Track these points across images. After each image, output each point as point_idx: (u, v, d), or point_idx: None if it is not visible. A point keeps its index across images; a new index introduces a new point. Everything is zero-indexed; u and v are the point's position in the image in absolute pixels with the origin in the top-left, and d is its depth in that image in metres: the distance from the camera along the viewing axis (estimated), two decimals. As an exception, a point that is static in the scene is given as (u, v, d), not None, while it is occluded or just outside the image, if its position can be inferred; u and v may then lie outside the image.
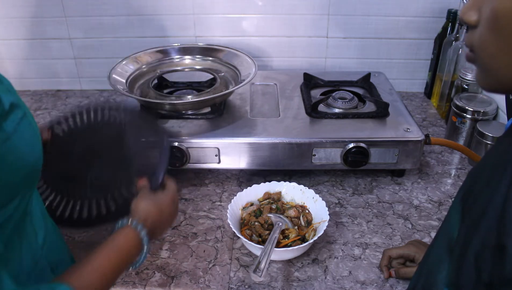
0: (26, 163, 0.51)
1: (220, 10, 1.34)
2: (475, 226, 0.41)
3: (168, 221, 0.72)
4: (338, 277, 0.81)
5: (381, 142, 0.98)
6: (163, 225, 0.71)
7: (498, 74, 0.40)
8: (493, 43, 0.39)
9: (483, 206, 0.41)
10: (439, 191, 1.02)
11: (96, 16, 1.36)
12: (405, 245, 0.83)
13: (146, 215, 0.66)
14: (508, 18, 0.36)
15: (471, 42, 0.41)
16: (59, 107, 1.40)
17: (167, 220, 0.72)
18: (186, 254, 0.86)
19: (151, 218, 0.66)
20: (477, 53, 0.41)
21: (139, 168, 0.74)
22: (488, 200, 0.40)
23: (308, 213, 0.90)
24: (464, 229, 0.44)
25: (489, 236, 0.38)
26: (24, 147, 0.50)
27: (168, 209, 0.70)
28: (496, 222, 0.38)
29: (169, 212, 0.71)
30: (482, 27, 0.40)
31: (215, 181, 1.06)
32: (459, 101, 1.12)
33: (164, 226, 0.72)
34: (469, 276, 0.40)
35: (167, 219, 0.71)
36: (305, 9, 1.33)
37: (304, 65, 1.41)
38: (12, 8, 1.36)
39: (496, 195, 0.39)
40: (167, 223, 0.72)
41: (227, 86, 1.12)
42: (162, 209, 0.69)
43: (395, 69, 1.41)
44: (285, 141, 0.98)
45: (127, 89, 1.07)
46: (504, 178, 0.39)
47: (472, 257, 0.40)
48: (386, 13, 1.32)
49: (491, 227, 0.38)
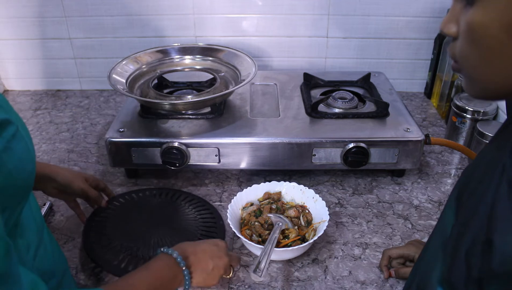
0: (16, 181, 0.49)
1: (220, 10, 1.35)
2: (467, 223, 0.41)
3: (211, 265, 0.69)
4: (338, 277, 0.81)
5: (381, 142, 0.98)
6: (205, 267, 0.69)
7: (483, 83, 0.40)
8: (473, 55, 0.39)
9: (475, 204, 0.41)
10: (439, 191, 1.02)
11: (96, 16, 1.36)
12: (405, 245, 0.83)
13: (187, 251, 0.67)
14: (482, 31, 0.37)
15: (454, 53, 0.42)
16: (59, 107, 1.40)
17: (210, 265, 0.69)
18: (186, 254, 0.86)
19: (192, 255, 0.67)
20: (460, 64, 0.42)
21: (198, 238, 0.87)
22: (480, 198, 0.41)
23: (308, 213, 0.90)
24: (457, 226, 0.44)
25: (479, 233, 0.39)
26: (15, 164, 0.48)
27: (210, 254, 0.70)
28: (486, 219, 0.38)
29: (211, 256, 0.70)
30: (461, 39, 0.40)
31: (215, 181, 1.06)
32: (459, 101, 1.12)
33: (207, 268, 0.69)
34: (460, 272, 0.40)
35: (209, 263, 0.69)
36: (305, 9, 1.33)
37: (304, 65, 1.41)
38: (12, 8, 1.36)
39: (487, 192, 0.39)
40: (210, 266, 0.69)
41: (227, 86, 1.12)
42: (205, 250, 0.69)
43: (395, 69, 1.41)
44: (285, 141, 0.98)
45: (127, 89, 1.07)
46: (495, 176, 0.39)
47: (463, 254, 0.40)
48: (386, 13, 1.32)
49: (481, 224, 0.39)
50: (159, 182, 1.06)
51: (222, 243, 0.74)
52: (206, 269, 0.68)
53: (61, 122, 1.32)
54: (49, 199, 1.00)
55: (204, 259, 0.68)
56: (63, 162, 1.14)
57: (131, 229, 0.88)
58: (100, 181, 0.93)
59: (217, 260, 0.70)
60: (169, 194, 0.99)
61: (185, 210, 0.95)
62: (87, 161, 1.14)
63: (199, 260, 0.67)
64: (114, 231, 0.88)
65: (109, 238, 0.86)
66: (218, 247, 0.72)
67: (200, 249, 0.69)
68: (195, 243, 0.70)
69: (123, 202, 0.96)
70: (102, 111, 1.38)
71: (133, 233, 0.87)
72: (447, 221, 0.48)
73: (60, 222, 0.94)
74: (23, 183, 0.51)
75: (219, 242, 0.73)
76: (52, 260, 0.65)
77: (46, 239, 0.64)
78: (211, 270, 0.69)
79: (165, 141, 0.97)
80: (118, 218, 0.91)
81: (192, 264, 0.66)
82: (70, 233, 0.91)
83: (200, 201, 0.98)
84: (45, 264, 0.62)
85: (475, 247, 0.39)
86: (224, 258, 0.71)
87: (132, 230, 0.88)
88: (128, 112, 1.08)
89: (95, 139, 1.23)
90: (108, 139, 0.98)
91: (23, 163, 0.50)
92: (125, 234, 0.87)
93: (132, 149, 0.98)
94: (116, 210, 0.93)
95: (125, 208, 0.95)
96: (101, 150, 1.18)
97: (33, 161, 0.54)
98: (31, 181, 0.54)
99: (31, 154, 0.53)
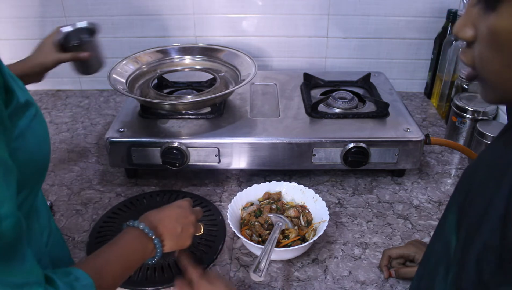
0: (36, 159, 0.52)
1: (220, 10, 1.35)
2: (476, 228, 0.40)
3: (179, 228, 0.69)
4: (338, 277, 0.81)
5: (381, 142, 0.98)
6: (174, 231, 0.69)
7: (504, 89, 0.40)
8: (496, 60, 0.38)
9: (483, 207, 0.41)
10: (439, 191, 1.02)
11: (96, 16, 1.36)
12: (405, 245, 0.83)
13: (153, 221, 0.66)
14: (508, 36, 0.36)
15: (471, 59, 0.41)
16: (59, 107, 1.40)
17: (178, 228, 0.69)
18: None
19: (158, 223, 0.66)
20: (479, 70, 0.40)
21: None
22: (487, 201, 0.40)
23: (308, 213, 0.90)
24: (463, 231, 0.44)
25: (492, 238, 0.38)
26: (35, 144, 0.51)
27: (175, 217, 0.70)
28: (498, 221, 0.38)
29: (177, 219, 0.70)
30: (481, 45, 0.39)
31: (215, 181, 1.06)
32: (459, 101, 1.12)
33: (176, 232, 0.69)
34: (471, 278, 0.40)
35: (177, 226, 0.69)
36: (305, 9, 1.33)
37: (304, 65, 1.41)
38: (12, 8, 1.36)
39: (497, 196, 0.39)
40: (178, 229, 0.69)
41: (227, 86, 1.12)
42: (170, 215, 0.69)
43: (395, 69, 1.41)
44: (285, 141, 0.98)
45: (127, 89, 1.07)
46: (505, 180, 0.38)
47: (474, 259, 0.39)
48: (386, 13, 1.32)
49: (493, 227, 0.38)
50: (159, 182, 1.06)
51: (184, 203, 0.73)
52: (175, 233, 0.68)
53: (61, 122, 1.32)
54: (49, 199, 1.00)
55: (170, 223, 0.68)
56: (63, 162, 1.14)
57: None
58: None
59: (184, 220, 0.70)
60: (173, 196, 0.99)
61: None
62: (87, 161, 1.14)
63: (166, 226, 0.67)
64: None
65: None
66: (182, 208, 0.71)
67: (165, 215, 0.69)
68: (158, 210, 0.70)
69: (125, 211, 0.96)
70: (102, 111, 1.38)
71: None
72: (448, 225, 0.48)
73: (60, 222, 0.94)
74: (42, 163, 0.54)
75: (182, 203, 0.73)
76: (59, 248, 0.67)
77: (54, 227, 0.67)
78: (180, 232, 0.69)
79: (165, 141, 0.97)
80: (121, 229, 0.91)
81: (160, 232, 0.66)
82: (70, 233, 0.91)
83: (202, 201, 0.98)
84: (55, 251, 0.64)
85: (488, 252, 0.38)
86: (190, 216, 0.71)
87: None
88: (128, 112, 1.08)
89: (95, 139, 1.23)
90: (108, 139, 0.98)
91: (42, 143, 0.53)
92: None
93: (132, 149, 0.98)
94: (119, 219, 0.93)
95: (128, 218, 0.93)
96: (101, 150, 1.18)
97: (49, 143, 0.56)
98: (48, 161, 0.56)
99: (48, 136, 0.56)
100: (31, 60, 0.92)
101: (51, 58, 0.92)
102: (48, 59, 0.92)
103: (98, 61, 0.99)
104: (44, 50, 0.93)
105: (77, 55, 0.94)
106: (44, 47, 0.93)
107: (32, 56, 0.93)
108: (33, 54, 0.93)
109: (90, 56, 0.95)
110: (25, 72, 0.91)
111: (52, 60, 0.92)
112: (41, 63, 0.92)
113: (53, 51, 0.93)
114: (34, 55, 0.93)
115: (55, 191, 1.03)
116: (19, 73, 0.89)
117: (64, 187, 1.05)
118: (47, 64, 0.93)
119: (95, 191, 1.03)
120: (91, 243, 0.88)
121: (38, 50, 0.93)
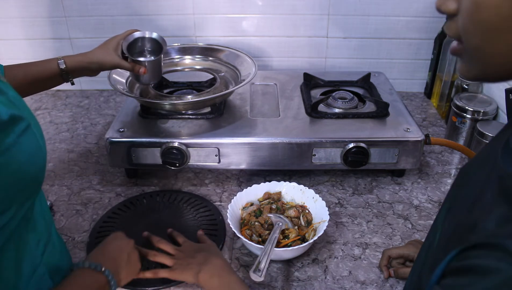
0: (25, 175, 0.50)
1: (220, 10, 1.35)
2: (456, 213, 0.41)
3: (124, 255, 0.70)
4: (338, 277, 0.81)
5: (381, 142, 0.98)
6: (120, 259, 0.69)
7: (484, 63, 0.40)
8: (477, 35, 0.38)
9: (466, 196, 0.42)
10: (439, 191, 1.02)
11: (96, 16, 1.36)
12: (404, 245, 0.83)
13: (96, 257, 0.67)
14: (491, 11, 0.36)
15: (455, 32, 0.41)
16: (59, 107, 1.40)
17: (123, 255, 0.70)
18: (186, 254, 0.86)
19: (102, 257, 0.67)
20: (464, 43, 0.41)
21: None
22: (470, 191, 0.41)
23: (308, 213, 0.90)
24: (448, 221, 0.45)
25: (463, 217, 0.39)
26: (23, 160, 0.49)
27: (116, 247, 0.70)
28: (472, 205, 0.39)
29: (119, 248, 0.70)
30: (463, 18, 0.39)
31: (215, 181, 1.06)
32: (459, 101, 1.12)
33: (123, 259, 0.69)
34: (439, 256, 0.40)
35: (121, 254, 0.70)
36: (305, 9, 1.33)
37: (304, 65, 1.41)
38: (12, 8, 1.36)
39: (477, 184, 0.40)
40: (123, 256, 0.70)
41: (227, 86, 1.12)
42: (109, 247, 0.70)
43: (395, 69, 1.41)
44: (285, 141, 0.98)
45: (127, 89, 1.07)
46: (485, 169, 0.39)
47: (444, 241, 0.41)
48: (386, 13, 1.32)
49: (466, 210, 0.40)
50: (159, 182, 1.06)
51: (118, 233, 0.74)
52: (123, 261, 0.68)
53: (61, 122, 1.32)
54: (49, 199, 1.00)
55: (114, 253, 0.68)
56: (63, 162, 1.14)
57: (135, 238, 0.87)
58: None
59: (126, 247, 0.71)
60: (173, 196, 0.99)
61: (187, 211, 0.95)
62: (87, 161, 1.14)
63: (110, 258, 0.67)
64: None
65: None
66: (117, 238, 0.72)
67: (105, 250, 0.69)
68: (98, 248, 0.70)
69: (125, 211, 0.96)
70: (102, 111, 1.38)
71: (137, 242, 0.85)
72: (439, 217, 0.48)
73: (60, 222, 0.94)
74: (33, 179, 0.52)
75: (116, 234, 0.74)
76: (59, 256, 0.66)
77: (54, 236, 0.65)
78: (127, 259, 0.69)
79: (165, 141, 0.97)
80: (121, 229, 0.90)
81: (108, 265, 0.65)
82: (70, 233, 0.91)
83: (202, 201, 0.98)
84: (53, 259, 0.63)
85: (457, 230, 0.39)
86: (130, 242, 0.72)
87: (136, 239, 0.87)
88: (128, 112, 1.08)
89: (95, 139, 1.23)
90: (108, 139, 0.98)
91: (33, 158, 0.51)
92: None
93: (132, 149, 0.98)
94: (119, 219, 0.93)
95: (128, 217, 0.94)
96: (101, 150, 1.18)
97: (44, 157, 0.55)
98: (41, 177, 0.55)
99: (42, 151, 0.54)
100: (92, 55, 0.91)
101: (111, 61, 0.91)
102: (107, 61, 0.91)
103: (154, 77, 1.00)
104: (107, 50, 0.92)
105: (135, 69, 0.94)
106: (108, 47, 0.92)
107: (95, 51, 0.92)
108: (96, 49, 0.92)
109: (146, 72, 0.95)
110: (82, 66, 0.90)
111: (111, 64, 0.92)
112: (99, 62, 0.91)
113: (115, 54, 0.92)
114: (97, 51, 0.92)
115: (55, 191, 1.03)
116: (75, 64, 0.89)
117: (64, 187, 1.05)
118: (105, 65, 0.92)
119: (95, 191, 1.03)
120: (91, 243, 0.88)
121: (103, 48, 0.92)
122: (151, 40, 0.99)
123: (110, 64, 0.92)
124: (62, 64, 0.88)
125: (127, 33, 0.95)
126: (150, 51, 0.99)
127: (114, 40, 0.93)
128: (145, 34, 0.98)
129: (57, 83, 0.92)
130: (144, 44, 0.99)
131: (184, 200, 0.98)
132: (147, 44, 0.99)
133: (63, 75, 0.90)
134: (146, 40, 0.98)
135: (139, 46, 0.98)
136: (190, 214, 0.94)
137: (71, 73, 0.90)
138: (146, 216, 0.94)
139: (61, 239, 0.70)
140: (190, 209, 0.96)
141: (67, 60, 0.89)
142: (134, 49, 0.97)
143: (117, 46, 0.93)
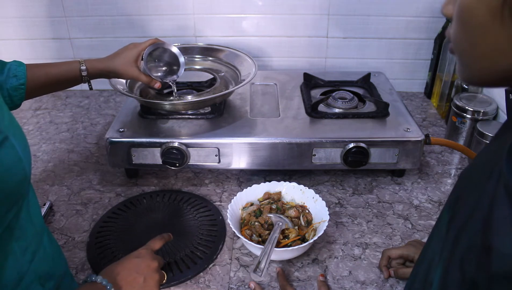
0: (4, 187, 0.49)
1: (220, 10, 1.35)
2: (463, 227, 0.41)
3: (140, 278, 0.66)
4: (338, 277, 0.81)
5: (381, 142, 0.98)
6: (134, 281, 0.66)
7: (470, 68, 0.40)
8: (463, 38, 0.39)
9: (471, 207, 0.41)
10: (439, 191, 1.02)
11: (96, 16, 1.36)
12: (404, 245, 0.83)
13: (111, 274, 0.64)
14: (470, 13, 0.36)
15: (449, 35, 0.42)
16: (59, 107, 1.40)
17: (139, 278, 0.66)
18: (186, 254, 0.86)
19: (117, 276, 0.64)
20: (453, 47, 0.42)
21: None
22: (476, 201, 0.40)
23: (308, 213, 0.90)
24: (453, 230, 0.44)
25: (475, 237, 0.38)
26: (2, 171, 0.48)
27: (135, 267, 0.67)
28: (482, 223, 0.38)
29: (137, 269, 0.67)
30: (453, 22, 0.40)
31: (215, 181, 1.06)
32: (459, 101, 1.12)
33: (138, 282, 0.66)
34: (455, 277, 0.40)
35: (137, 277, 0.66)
36: (305, 9, 1.33)
37: (304, 65, 1.41)
38: (12, 8, 1.36)
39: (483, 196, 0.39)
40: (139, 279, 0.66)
41: (227, 86, 1.12)
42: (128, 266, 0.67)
43: (395, 69, 1.41)
44: (285, 141, 0.98)
45: (127, 89, 1.07)
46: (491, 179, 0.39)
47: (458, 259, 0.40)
48: (386, 13, 1.32)
49: (477, 229, 0.38)
50: (159, 182, 1.06)
51: (143, 251, 0.70)
52: (138, 284, 0.65)
53: (61, 122, 1.32)
54: (49, 199, 1.00)
55: (130, 275, 0.65)
56: (63, 162, 1.14)
57: (135, 238, 0.88)
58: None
59: (145, 269, 0.67)
60: (173, 196, 1.00)
61: (186, 211, 0.95)
62: (87, 161, 1.14)
63: (124, 278, 0.64)
64: (118, 242, 0.88)
65: (113, 251, 0.86)
66: (140, 257, 0.69)
67: (123, 267, 0.66)
68: (116, 263, 0.67)
69: (125, 211, 0.96)
70: (102, 111, 1.38)
71: (137, 242, 0.84)
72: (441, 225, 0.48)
73: (60, 222, 0.94)
74: (12, 191, 0.51)
75: (140, 251, 0.70)
76: (51, 263, 0.64)
77: (46, 242, 0.64)
78: (143, 282, 0.66)
79: (165, 141, 0.97)
80: (121, 229, 0.91)
81: (120, 285, 0.63)
82: (70, 233, 0.91)
83: (202, 201, 0.98)
84: (43, 267, 0.61)
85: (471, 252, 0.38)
86: (152, 263, 0.68)
87: (136, 239, 0.87)
88: (128, 112, 1.08)
89: (95, 139, 1.23)
90: (108, 139, 0.98)
91: (10, 171, 0.50)
92: (129, 244, 0.85)
93: (132, 149, 0.98)
94: (119, 219, 0.94)
95: (128, 217, 0.94)
96: (101, 150, 1.18)
97: (24, 170, 0.53)
98: (22, 189, 0.53)
99: (22, 163, 0.52)
100: (112, 65, 0.91)
101: (131, 73, 0.91)
102: (127, 73, 0.91)
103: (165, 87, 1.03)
104: (128, 62, 0.91)
105: (151, 83, 0.96)
106: (130, 59, 0.91)
107: (116, 61, 0.91)
108: (117, 59, 0.91)
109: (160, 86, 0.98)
110: (102, 74, 0.91)
111: (129, 76, 0.92)
112: (118, 73, 0.91)
113: (135, 67, 0.92)
114: (118, 61, 0.91)
115: (55, 191, 1.03)
116: (96, 72, 0.90)
117: (64, 187, 1.05)
118: (123, 76, 0.92)
119: (95, 191, 1.03)
120: (91, 243, 0.88)
121: (123, 58, 0.92)
122: (170, 52, 1.00)
123: (129, 76, 0.92)
124: (84, 71, 0.89)
125: (148, 43, 0.95)
126: (166, 62, 1.00)
127: (135, 51, 0.92)
128: (164, 46, 0.98)
129: (75, 85, 0.92)
130: (161, 54, 0.99)
131: (184, 200, 0.98)
132: (164, 54, 1.00)
133: (84, 79, 0.90)
134: (164, 51, 1.00)
135: (156, 54, 0.99)
136: (190, 214, 0.94)
137: (91, 78, 0.91)
138: (146, 216, 0.94)
139: (56, 244, 0.68)
140: (190, 209, 0.96)
141: (88, 66, 0.89)
142: (151, 56, 0.97)
143: (138, 58, 0.92)
